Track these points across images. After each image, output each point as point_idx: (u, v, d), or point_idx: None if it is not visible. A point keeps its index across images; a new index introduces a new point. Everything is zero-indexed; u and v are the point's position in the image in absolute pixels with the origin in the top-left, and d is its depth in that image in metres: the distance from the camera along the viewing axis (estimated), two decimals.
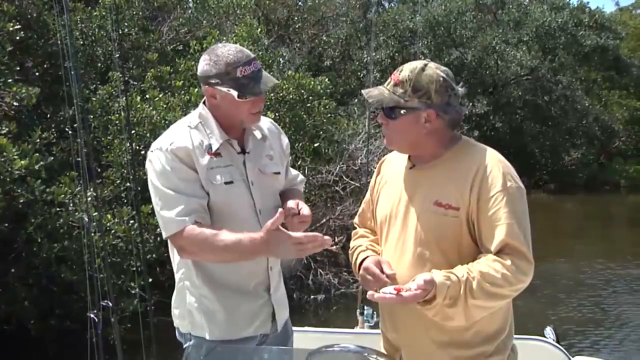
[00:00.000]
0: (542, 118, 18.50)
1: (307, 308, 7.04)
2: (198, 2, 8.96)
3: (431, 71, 1.67)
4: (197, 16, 8.73)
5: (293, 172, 2.12)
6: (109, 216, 4.85)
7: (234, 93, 1.74)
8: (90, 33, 6.81)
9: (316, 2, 13.98)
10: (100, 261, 3.16)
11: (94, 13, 6.82)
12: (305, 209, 1.83)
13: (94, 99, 5.89)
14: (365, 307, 3.20)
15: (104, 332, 3.01)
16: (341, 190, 8.11)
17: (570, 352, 2.72)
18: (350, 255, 1.89)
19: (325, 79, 7.87)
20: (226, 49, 1.79)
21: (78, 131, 2.99)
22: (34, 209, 4.81)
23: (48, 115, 6.00)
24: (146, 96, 6.04)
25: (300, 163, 7.22)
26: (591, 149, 19.65)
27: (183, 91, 6.27)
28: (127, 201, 5.27)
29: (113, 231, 4.75)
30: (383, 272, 1.66)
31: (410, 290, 1.51)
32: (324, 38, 14.33)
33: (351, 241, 1.93)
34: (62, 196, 4.73)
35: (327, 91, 7.97)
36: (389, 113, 1.70)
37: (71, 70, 2.99)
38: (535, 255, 1.62)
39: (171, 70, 6.60)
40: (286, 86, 7.10)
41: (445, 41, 16.40)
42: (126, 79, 3.71)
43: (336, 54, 14.80)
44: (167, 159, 1.76)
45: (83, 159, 2.97)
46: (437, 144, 1.72)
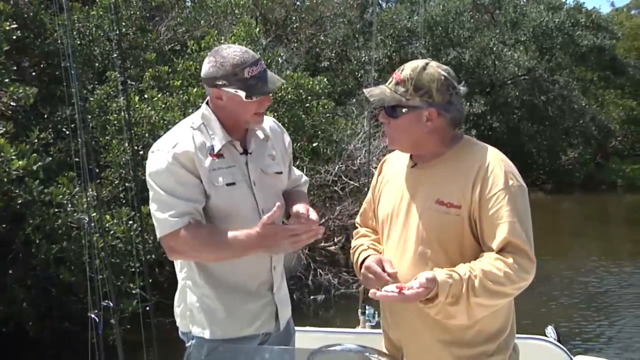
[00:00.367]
0: (539, 118, 18.54)
1: (307, 308, 7.03)
2: (196, 2, 8.97)
3: (432, 70, 1.67)
4: (195, 16, 8.72)
5: (297, 172, 2.11)
6: (108, 217, 4.83)
7: (242, 94, 1.75)
8: (87, 33, 6.80)
9: (314, 2, 13.96)
10: (100, 262, 3.15)
11: (92, 12, 6.80)
12: (313, 214, 1.82)
13: (92, 99, 5.87)
14: (366, 307, 3.20)
15: (104, 333, 3.00)
16: (340, 190, 8.10)
17: (571, 352, 2.72)
18: (351, 254, 1.89)
19: (323, 79, 7.87)
20: (231, 50, 1.78)
21: (79, 130, 2.98)
22: (32, 210, 4.79)
23: (45, 115, 5.98)
24: (144, 96, 6.03)
25: (298, 163, 7.20)
26: (588, 149, 19.69)
27: (181, 91, 6.26)
28: (126, 202, 5.25)
29: (112, 232, 4.73)
30: (385, 271, 1.66)
31: (412, 288, 1.51)
32: (322, 38, 14.32)
33: (352, 241, 1.93)
34: (61, 197, 4.72)
35: (326, 91, 7.97)
36: (391, 112, 1.70)
37: (71, 69, 2.98)
38: (534, 254, 1.61)
39: (169, 70, 6.59)
40: (285, 86, 7.09)
41: (443, 41, 16.41)
42: (124, 79, 3.69)
43: (333, 55, 14.80)
44: (167, 162, 1.76)
45: (84, 159, 2.96)
46: (439, 143, 1.72)
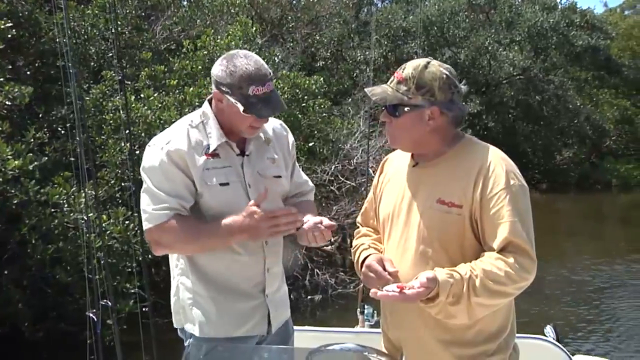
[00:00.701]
0: (534, 117, 18.62)
1: (304, 308, 7.01)
2: (192, 1, 8.94)
3: (434, 68, 1.67)
4: (191, 15, 8.69)
5: (303, 177, 2.10)
6: (104, 217, 4.81)
7: (240, 107, 1.75)
8: (82, 32, 6.76)
9: (309, 2, 13.96)
10: (97, 262, 3.13)
11: (87, 12, 6.77)
12: (326, 222, 1.84)
13: (88, 99, 5.84)
14: (365, 306, 3.19)
15: (101, 334, 2.99)
16: (336, 190, 8.09)
17: (570, 351, 2.72)
18: (352, 253, 1.89)
19: (319, 78, 7.85)
20: (245, 62, 1.76)
21: (77, 130, 2.96)
22: (28, 210, 4.75)
23: (40, 114, 5.94)
24: (140, 95, 6.00)
25: None
26: (583, 148, 19.81)
27: (177, 90, 6.23)
28: (122, 201, 5.22)
29: (108, 232, 4.71)
30: (385, 270, 1.66)
31: (413, 288, 1.50)
32: (317, 37, 14.31)
33: (353, 240, 1.93)
34: (57, 197, 4.69)
35: (322, 90, 7.96)
36: (392, 111, 1.69)
37: (68, 69, 2.96)
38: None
39: (165, 69, 6.56)
40: (281, 85, 7.07)
41: (438, 41, 16.45)
42: (122, 78, 3.68)
43: (329, 54, 14.79)
44: (159, 158, 1.78)
45: (82, 158, 2.94)
46: (441, 142, 1.71)
